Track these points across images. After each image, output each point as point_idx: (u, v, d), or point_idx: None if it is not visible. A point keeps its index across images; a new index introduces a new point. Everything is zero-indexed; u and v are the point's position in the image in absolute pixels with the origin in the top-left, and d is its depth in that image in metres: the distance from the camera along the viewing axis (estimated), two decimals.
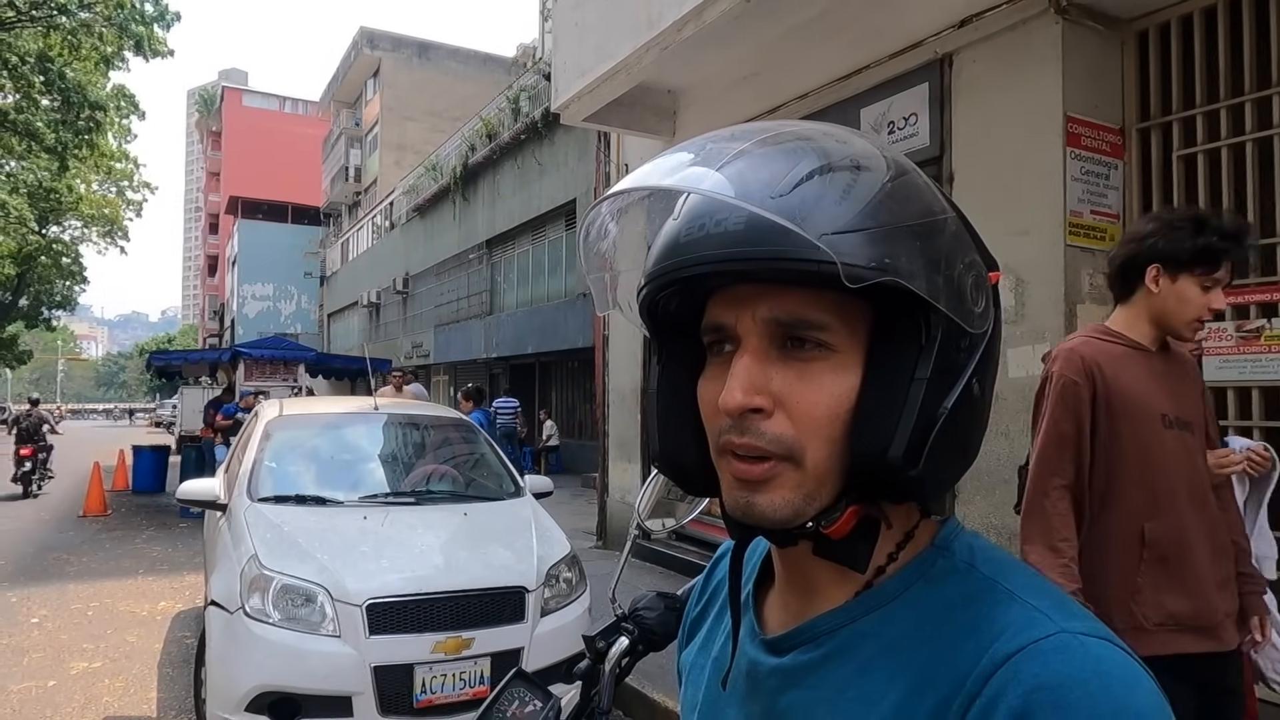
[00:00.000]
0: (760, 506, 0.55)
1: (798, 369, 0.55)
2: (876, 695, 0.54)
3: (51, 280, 41.06)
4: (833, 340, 0.55)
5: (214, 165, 63.39)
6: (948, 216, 0.57)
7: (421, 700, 3.34)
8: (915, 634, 0.55)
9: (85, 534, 9.62)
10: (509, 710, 1.09)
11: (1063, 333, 3.66)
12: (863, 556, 0.58)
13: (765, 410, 0.55)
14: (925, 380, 0.54)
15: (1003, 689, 0.48)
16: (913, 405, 0.53)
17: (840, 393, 0.55)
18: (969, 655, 0.51)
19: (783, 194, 0.51)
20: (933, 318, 0.54)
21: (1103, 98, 3.85)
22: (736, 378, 0.55)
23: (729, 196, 0.52)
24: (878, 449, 0.53)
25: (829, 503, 0.56)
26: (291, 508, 4.08)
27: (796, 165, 0.53)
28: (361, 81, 37.57)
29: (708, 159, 0.55)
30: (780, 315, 0.55)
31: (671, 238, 0.57)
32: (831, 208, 0.51)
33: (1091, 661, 0.49)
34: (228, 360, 14.49)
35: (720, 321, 0.58)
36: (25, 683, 4.61)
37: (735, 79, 5.84)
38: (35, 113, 21.99)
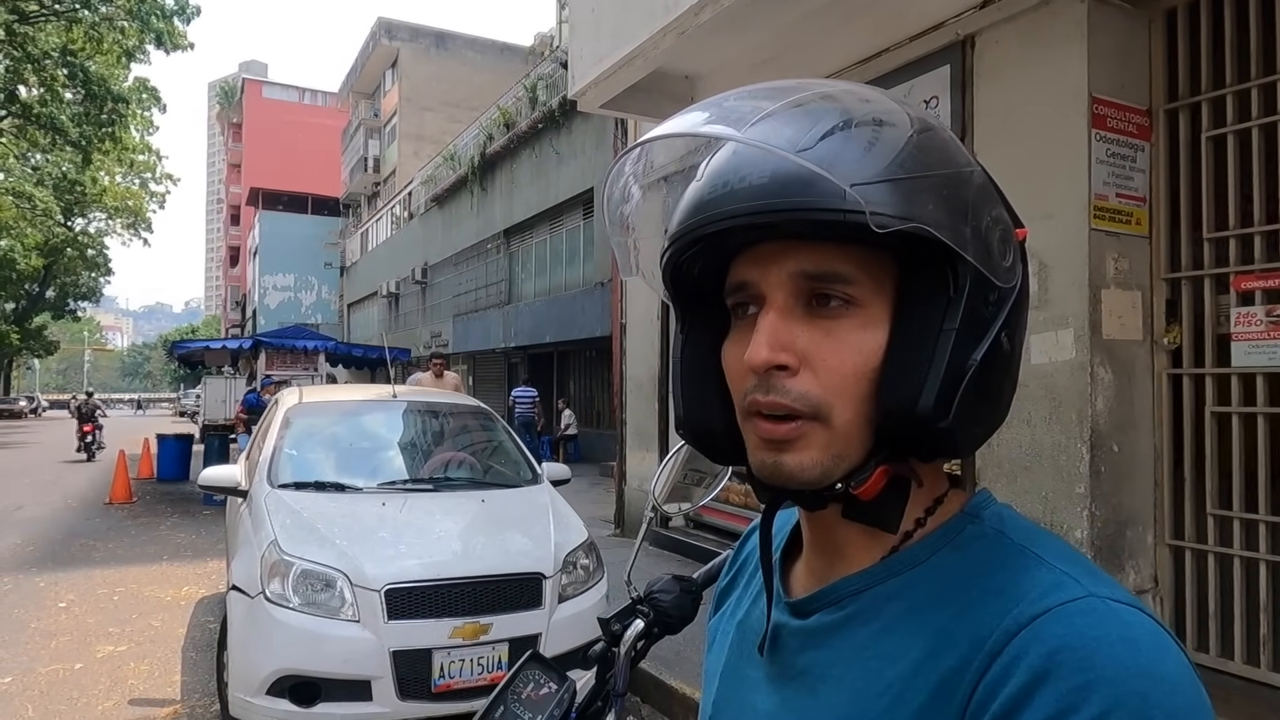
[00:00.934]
0: (788, 466, 0.55)
1: (824, 326, 0.55)
2: (896, 654, 0.54)
3: (77, 272, 41.72)
4: (859, 295, 0.54)
5: (235, 157, 63.94)
6: (974, 169, 0.56)
7: (440, 685, 3.37)
8: (939, 595, 0.54)
9: (111, 521, 9.77)
10: (524, 692, 1.08)
11: (1087, 318, 3.60)
12: (893, 517, 0.57)
13: (791, 368, 0.54)
14: (954, 331, 0.53)
15: (1025, 648, 0.47)
16: (941, 356, 0.53)
17: (868, 349, 0.54)
18: (992, 616, 0.50)
19: (808, 147, 0.51)
20: (960, 268, 0.53)
21: (1129, 78, 3.77)
22: (762, 334, 0.54)
23: (756, 143, 0.52)
24: (907, 402, 0.53)
25: (858, 462, 0.55)
26: (311, 494, 4.11)
27: (820, 120, 0.53)
28: (380, 72, 37.68)
29: (727, 116, 0.55)
30: (808, 267, 0.54)
31: (695, 197, 0.57)
32: (857, 160, 0.51)
33: (1119, 625, 0.47)
34: (249, 350, 14.63)
35: (745, 279, 0.57)
36: (53, 665, 4.70)
37: (753, 64, 5.78)
38: (59, 106, 22.25)
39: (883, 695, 0.53)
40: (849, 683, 0.56)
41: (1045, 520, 3.68)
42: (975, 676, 0.49)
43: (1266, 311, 3.44)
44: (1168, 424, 3.76)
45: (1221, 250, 3.61)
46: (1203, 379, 3.65)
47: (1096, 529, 3.59)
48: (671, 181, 0.62)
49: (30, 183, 30.31)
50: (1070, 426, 3.66)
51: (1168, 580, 3.75)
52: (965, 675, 0.50)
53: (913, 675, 0.52)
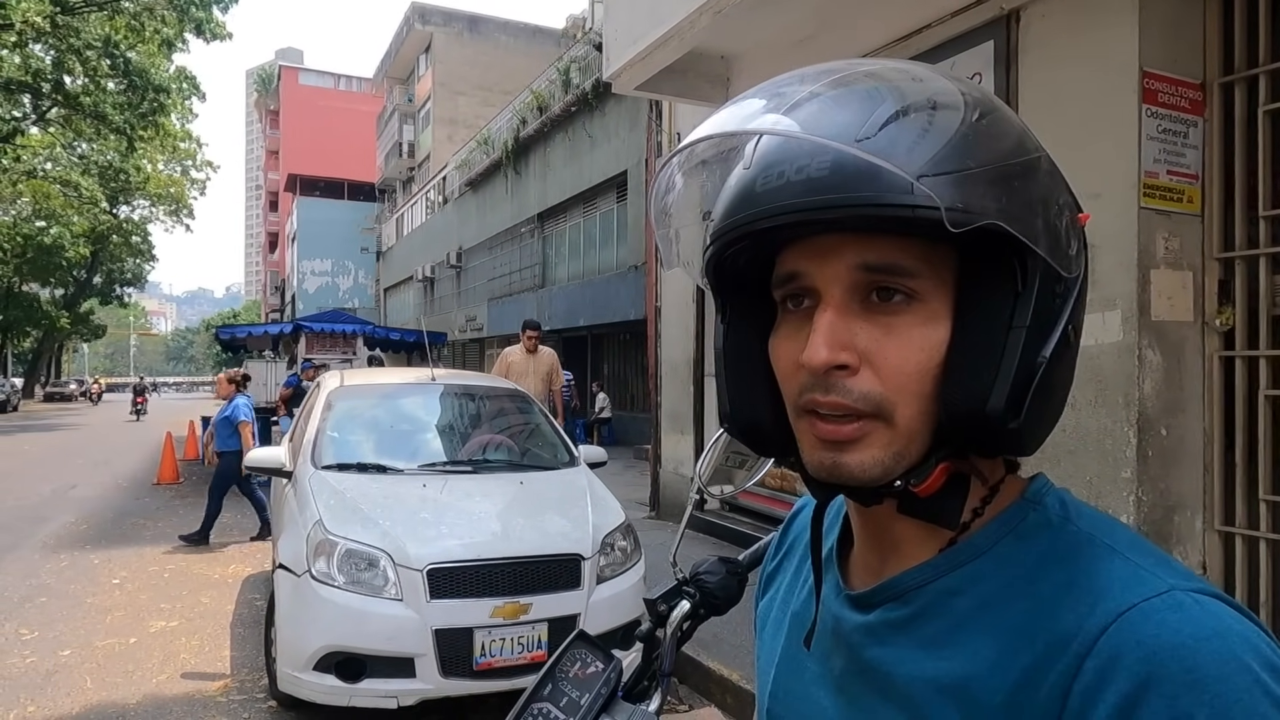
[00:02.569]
0: (849, 466, 0.53)
1: (884, 323, 0.53)
2: (968, 652, 0.52)
3: (123, 258, 42.72)
4: (921, 289, 0.52)
5: (273, 144, 64.78)
6: (1041, 154, 0.54)
7: (481, 663, 3.42)
8: (1009, 590, 0.53)
9: (159, 500, 10.06)
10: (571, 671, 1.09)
11: (1135, 300, 3.52)
12: (954, 513, 0.55)
13: (851, 367, 0.52)
14: (1025, 328, 0.51)
15: (1119, 650, 0.46)
16: (1012, 354, 0.51)
17: (931, 345, 0.52)
18: (1071, 612, 0.49)
19: (869, 136, 0.49)
20: (1029, 262, 0.51)
21: (1182, 51, 3.65)
22: (820, 333, 0.52)
23: (819, 137, 0.49)
24: (976, 402, 0.51)
25: (918, 460, 0.53)
26: (354, 475, 4.19)
27: (879, 106, 0.50)
28: (414, 57, 37.85)
29: (782, 104, 0.52)
30: (870, 260, 0.52)
31: (746, 187, 0.54)
32: (923, 148, 0.49)
33: (1210, 619, 0.46)
34: (289, 333, 14.88)
35: (798, 270, 0.55)
36: (108, 639, 4.86)
37: (791, 42, 5.70)
38: (103, 96, 22.72)
39: (957, 695, 0.52)
40: (919, 683, 0.54)
41: (1090, 504, 3.62)
42: (1065, 678, 0.47)
43: None
44: (1219, 407, 3.67)
45: (1278, 229, 3.50)
46: (1256, 361, 3.55)
47: (1143, 514, 3.52)
48: (710, 165, 0.60)
49: (77, 171, 31.07)
50: (1116, 410, 3.58)
51: (1217, 567, 3.67)
52: (1049, 675, 0.48)
53: (988, 675, 0.51)
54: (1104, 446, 3.62)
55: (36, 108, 24.54)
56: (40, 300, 39.98)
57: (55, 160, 31.08)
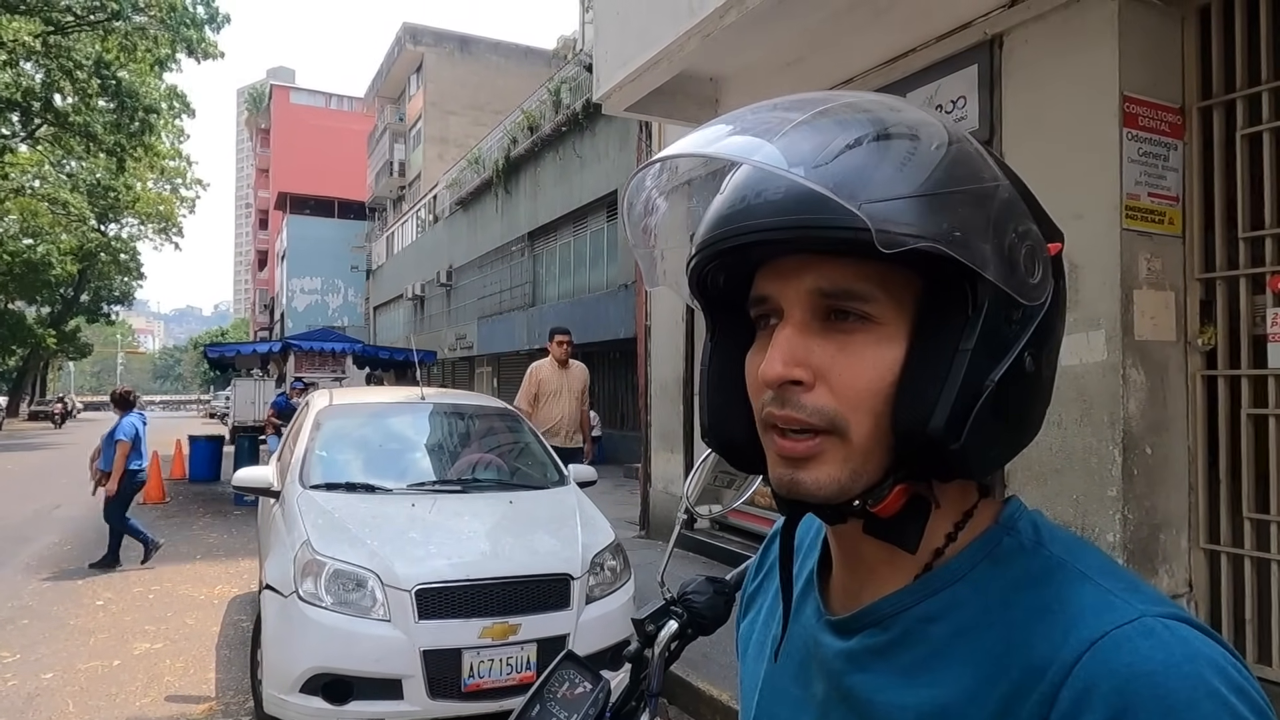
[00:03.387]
0: (805, 483, 0.55)
1: (839, 341, 0.54)
2: (947, 681, 0.53)
3: (111, 276, 42.51)
4: (876, 312, 0.54)
5: (263, 162, 64.80)
6: (999, 184, 0.55)
7: (469, 684, 3.40)
8: (984, 617, 0.54)
9: (145, 520, 9.89)
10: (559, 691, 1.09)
11: (1119, 319, 3.56)
12: (912, 536, 0.57)
13: (805, 383, 0.54)
14: (969, 351, 0.52)
15: (1093, 680, 0.47)
16: (955, 376, 0.52)
17: (883, 365, 0.54)
18: (1044, 640, 0.50)
19: (824, 163, 0.51)
20: (979, 287, 0.52)
21: (1162, 75, 3.72)
22: (778, 348, 0.55)
23: (767, 164, 0.51)
24: (919, 422, 0.52)
25: (875, 480, 0.55)
26: (342, 495, 4.17)
27: (841, 134, 0.52)
28: (405, 77, 38.03)
29: (748, 129, 0.55)
30: (824, 285, 0.54)
31: (717, 211, 0.57)
32: (874, 175, 0.50)
33: (1180, 645, 0.48)
34: (278, 352, 14.83)
35: (765, 293, 0.58)
36: (92, 662, 4.80)
37: (779, 65, 5.77)
38: (93, 115, 22.69)
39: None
40: (899, 710, 0.55)
41: (1077, 523, 3.65)
42: (1042, 708, 0.48)
43: None
44: (1202, 426, 3.71)
45: (1257, 250, 3.55)
46: (1238, 380, 3.59)
47: (1129, 532, 3.55)
48: (695, 186, 0.63)
49: (65, 189, 30.96)
50: (1102, 428, 3.61)
51: (1203, 584, 3.70)
52: (1026, 704, 0.49)
53: (966, 703, 0.52)
54: (1089, 465, 3.65)
55: (26, 126, 24.48)
56: (26, 318, 39.70)
57: (44, 178, 30.98)
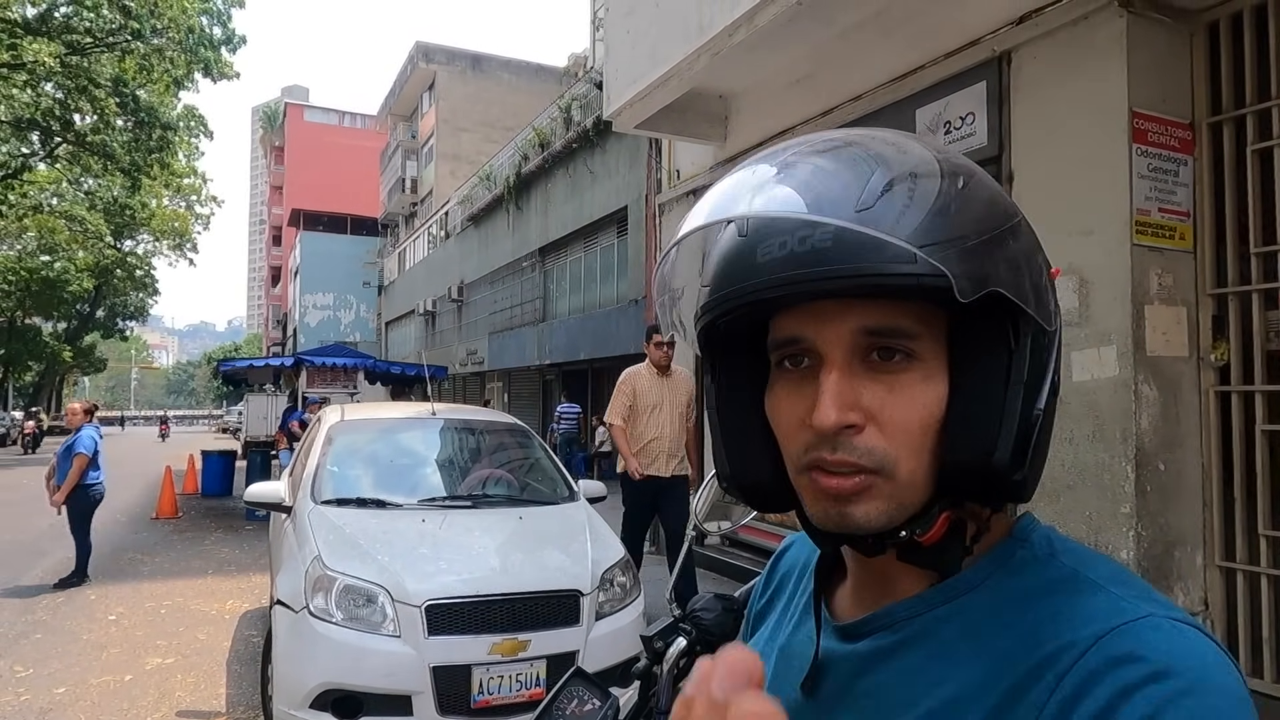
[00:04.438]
0: (854, 517, 0.55)
1: (887, 382, 0.55)
2: (955, 677, 0.54)
3: (126, 292, 42.92)
4: (919, 349, 0.55)
5: (277, 179, 65.43)
6: (1020, 216, 0.57)
7: (479, 701, 3.39)
8: (995, 619, 0.55)
9: (157, 535, 10.00)
10: (568, 708, 1.10)
11: (1130, 335, 3.55)
12: (953, 561, 0.58)
13: (858, 425, 0.54)
14: (1022, 384, 0.54)
15: (1098, 665, 0.48)
16: (1013, 409, 0.54)
17: (931, 402, 0.55)
18: (1053, 638, 0.51)
19: (867, 206, 0.51)
20: (1021, 322, 0.54)
21: (1171, 92, 3.73)
22: (829, 394, 0.54)
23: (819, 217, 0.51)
24: (980, 454, 0.53)
25: (919, 510, 0.56)
26: (353, 510, 4.18)
27: (871, 176, 0.52)
28: (417, 95, 38.39)
29: (775, 177, 0.55)
30: (870, 324, 0.54)
31: (744, 257, 0.55)
32: (918, 218, 0.51)
33: (1186, 640, 0.48)
34: (291, 367, 14.91)
35: (798, 335, 0.57)
36: (104, 676, 4.81)
37: (788, 82, 5.81)
38: (111, 134, 23.00)
39: (943, 718, 0.53)
40: (907, 706, 0.56)
41: (1090, 540, 3.62)
42: (1042, 696, 0.49)
43: None
44: (1216, 442, 3.68)
45: (1270, 265, 3.54)
46: (1252, 396, 3.57)
47: (1143, 549, 3.52)
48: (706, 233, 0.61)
49: (83, 207, 31.35)
50: (1114, 445, 3.59)
51: (1219, 602, 3.66)
52: (1029, 695, 0.50)
53: (973, 698, 0.52)
54: (1102, 482, 3.62)
55: (45, 144, 24.85)
56: (42, 333, 40.11)
57: (61, 195, 31.38)
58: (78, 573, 7.25)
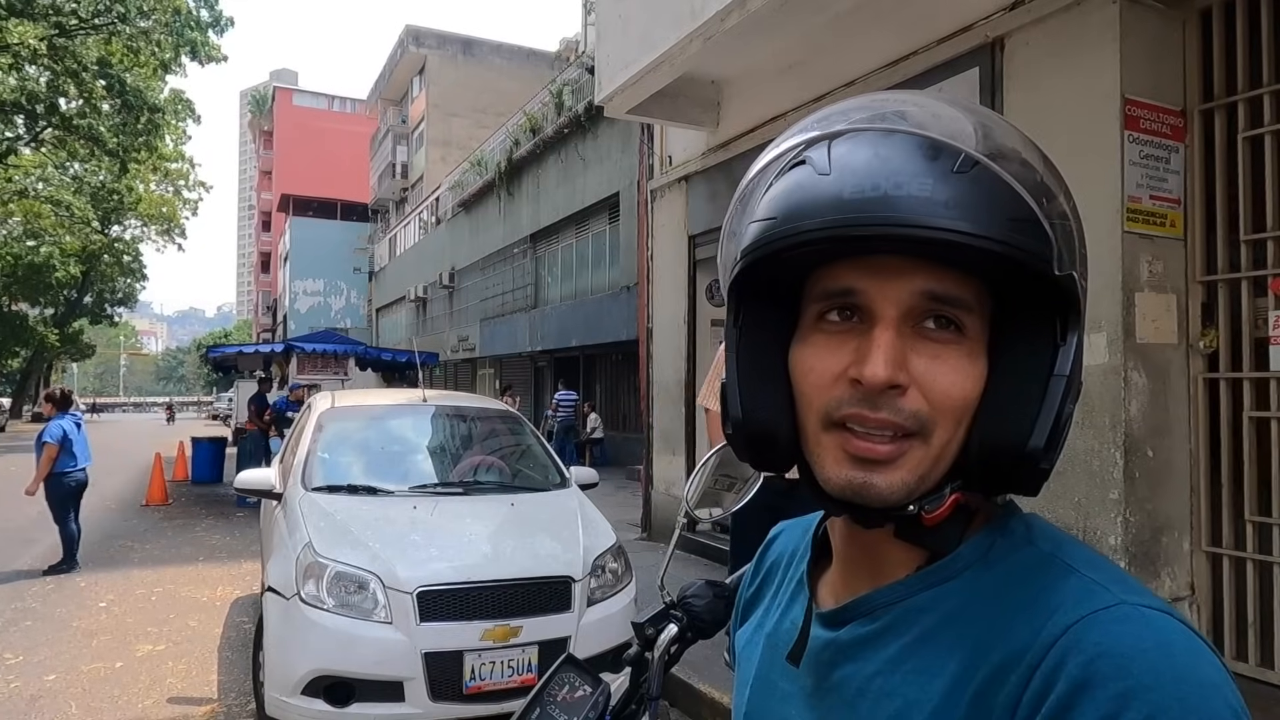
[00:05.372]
0: (878, 487, 0.54)
1: (933, 350, 0.54)
2: (933, 668, 0.54)
3: (113, 278, 42.59)
4: (969, 324, 0.54)
5: (266, 164, 64.96)
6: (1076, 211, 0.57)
7: (471, 687, 3.40)
8: (972, 607, 0.55)
9: (148, 522, 9.97)
10: (559, 695, 1.10)
11: (1120, 322, 3.56)
12: (952, 540, 0.57)
13: (903, 387, 0.53)
14: (1065, 378, 0.54)
15: (1063, 658, 0.48)
16: (1053, 400, 0.53)
17: (974, 378, 0.54)
18: (1025, 627, 0.51)
19: (964, 170, 0.51)
20: (1070, 316, 0.54)
21: (1163, 79, 3.72)
22: (882, 350, 0.53)
23: (964, 146, 0.51)
24: (1015, 439, 0.53)
25: (933, 487, 0.55)
26: (344, 497, 4.18)
27: (980, 134, 0.53)
28: (408, 79, 38.09)
29: (884, 112, 0.55)
30: (938, 290, 0.53)
31: (830, 194, 0.51)
32: (1009, 193, 0.51)
33: (1152, 631, 0.48)
34: (281, 354, 14.85)
35: (853, 287, 0.54)
36: (95, 663, 4.81)
37: (780, 68, 5.78)
38: (97, 117, 22.75)
39: (921, 709, 0.54)
40: (887, 697, 0.56)
41: (1079, 526, 3.64)
42: (1016, 690, 0.49)
43: None
44: (1204, 429, 3.71)
45: (1259, 252, 3.55)
46: (1240, 383, 3.59)
47: (1131, 535, 3.54)
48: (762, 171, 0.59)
49: (69, 191, 31.04)
50: (1103, 431, 3.61)
51: (1205, 588, 3.69)
52: (1004, 688, 0.50)
53: (951, 689, 0.53)
54: (1091, 468, 3.65)
55: (30, 129, 24.55)
56: (29, 319, 39.78)
57: (47, 180, 31.06)
58: (66, 559, 7.24)
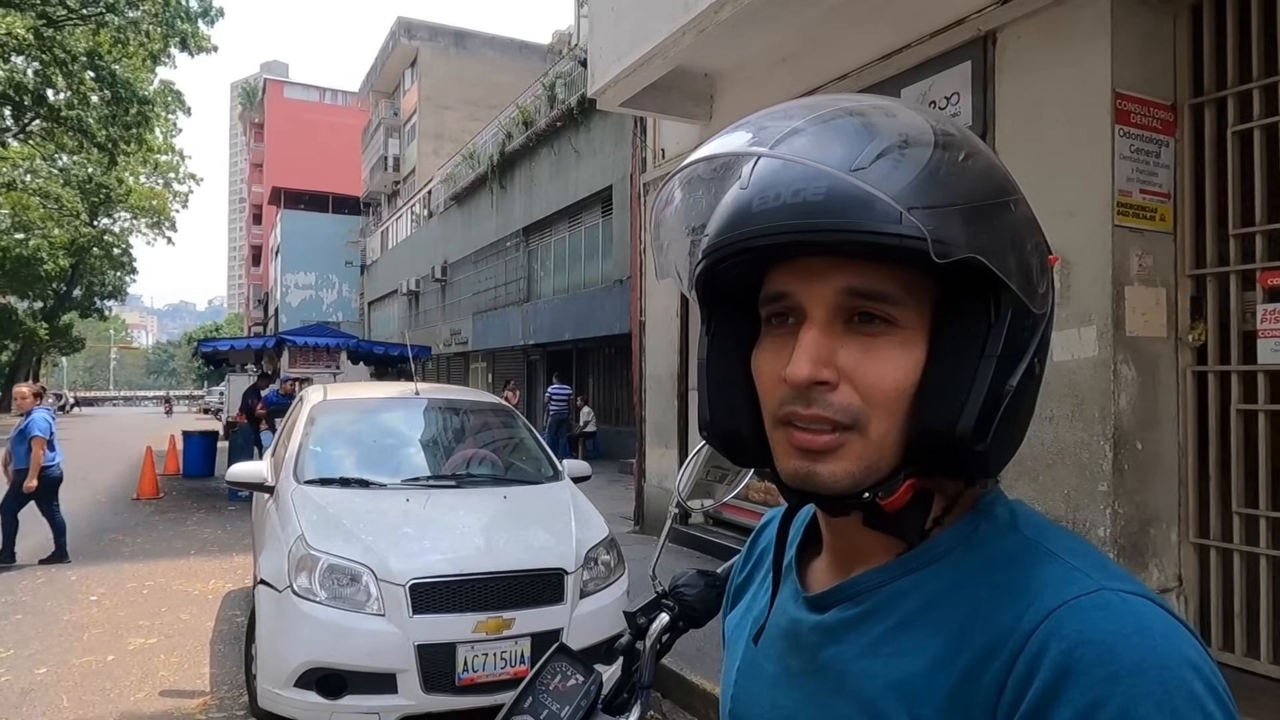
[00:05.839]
0: (821, 476, 0.56)
1: (864, 343, 0.55)
2: (915, 650, 0.55)
3: (103, 271, 42.35)
4: (899, 315, 0.55)
5: (257, 157, 64.54)
6: (1019, 197, 0.57)
7: (464, 679, 3.41)
8: (955, 591, 0.56)
9: (139, 516, 9.93)
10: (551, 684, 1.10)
11: (1110, 315, 3.59)
12: (914, 528, 0.58)
13: (831, 383, 0.55)
14: (995, 358, 0.54)
15: (1045, 644, 0.49)
16: (982, 381, 0.54)
17: (907, 367, 0.55)
18: (1008, 612, 0.52)
19: (863, 166, 0.51)
20: (1003, 297, 0.54)
21: (1153, 73, 3.74)
22: (804, 349, 0.55)
23: (819, 163, 0.52)
24: (946, 423, 0.54)
25: (887, 474, 0.56)
26: (336, 490, 4.18)
27: (871, 140, 0.53)
28: (400, 71, 37.88)
29: (777, 133, 0.55)
30: (855, 285, 0.55)
31: (742, 207, 0.56)
32: (911, 182, 0.51)
33: (1133, 616, 0.49)
34: (272, 347, 14.79)
35: (785, 290, 0.57)
36: (86, 657, 4.80)
37: (773, 61, 5.78)
38: (86, 109, 22.56)
39: (904, 690, 0.54)
40: (869, 678, 0.57)
41: (1068, 518, 3.67)
42: (1000, 675, 0.50)
43: None
44: (1192, 421, 3.74)
45: (1248, 246, 3.58)
46: (1228, 376, 3.62)
47: (1120, 526, 3.57)
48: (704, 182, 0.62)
49: (57, 183, 30.80)
50: (1093, 424, 3.64)
51: (1192, 579, 3.73)
52: (987, 673, 0.51)
53: (932, 671, 0.53)
54: (1081, 460, 3.67)
55: (18, 120, 24.33)
56: (18, 313, 39.51)
57: (35, 172, 30.80)
58: (59, 551, 7.25)
